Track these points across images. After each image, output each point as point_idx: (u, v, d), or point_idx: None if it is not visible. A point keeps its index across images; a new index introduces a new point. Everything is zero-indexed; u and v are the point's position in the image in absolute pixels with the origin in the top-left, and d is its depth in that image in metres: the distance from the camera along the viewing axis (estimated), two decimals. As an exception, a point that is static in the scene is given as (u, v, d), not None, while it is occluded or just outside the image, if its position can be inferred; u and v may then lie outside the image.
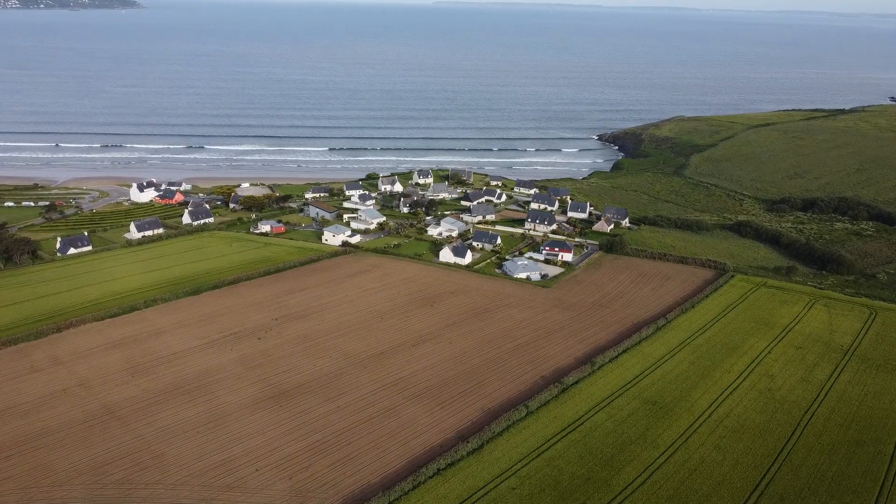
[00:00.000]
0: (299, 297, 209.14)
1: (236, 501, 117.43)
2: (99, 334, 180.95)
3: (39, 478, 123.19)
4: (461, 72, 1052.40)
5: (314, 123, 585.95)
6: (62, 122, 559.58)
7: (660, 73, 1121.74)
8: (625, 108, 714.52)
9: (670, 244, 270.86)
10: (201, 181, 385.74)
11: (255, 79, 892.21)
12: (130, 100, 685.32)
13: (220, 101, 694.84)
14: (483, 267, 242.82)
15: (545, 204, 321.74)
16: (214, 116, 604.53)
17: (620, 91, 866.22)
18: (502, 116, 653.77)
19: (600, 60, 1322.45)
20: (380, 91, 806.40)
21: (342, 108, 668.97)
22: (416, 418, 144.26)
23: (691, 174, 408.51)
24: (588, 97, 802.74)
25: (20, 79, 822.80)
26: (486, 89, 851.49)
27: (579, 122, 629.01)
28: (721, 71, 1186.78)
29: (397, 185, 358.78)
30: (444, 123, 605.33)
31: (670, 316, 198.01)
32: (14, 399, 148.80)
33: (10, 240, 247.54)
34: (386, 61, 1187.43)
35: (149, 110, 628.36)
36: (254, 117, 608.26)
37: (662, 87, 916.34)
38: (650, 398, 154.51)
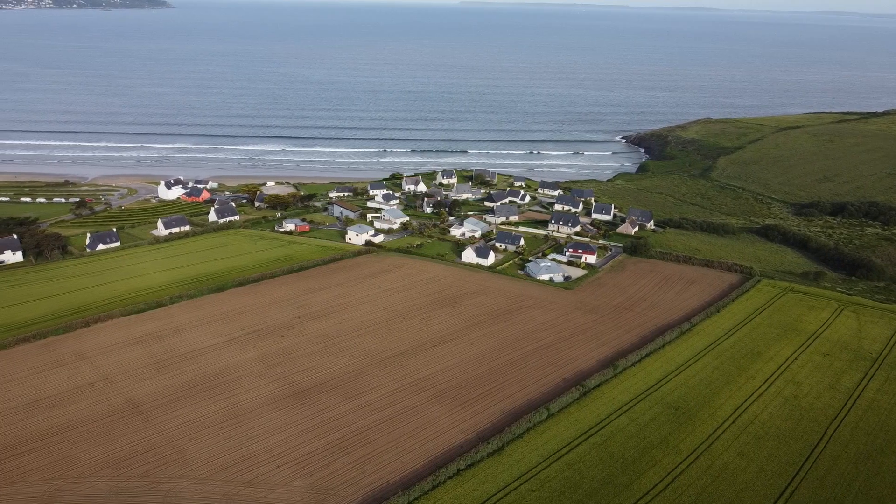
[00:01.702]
0: (321, 296, 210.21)
1: (257, 497, 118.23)
2: (125, 330, 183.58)
3: (65, 469, 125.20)
4: (486, 72, 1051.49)
5: (338, 124, 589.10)
6: (92, 121, 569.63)
7: (686, 74, 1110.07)
8: (650, 110, 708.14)
9: (695, 247, 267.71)
10: (227, 179, 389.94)
11: (280, 78, 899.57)
12: (158, 99, 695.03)
13: (246, 101, 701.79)
14: (506, 268, 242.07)
15: (569, 205, 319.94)
16: (240, 116, 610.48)
17: (646, 92, 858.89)
18: (526, 117, 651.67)
19: (625, 61, 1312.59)
20: (404, 91, 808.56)
21: (366, 109, 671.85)
22: (437, 418, 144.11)
23: (718, 177, 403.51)
24: (613, 98, 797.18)
25: (54, 78, 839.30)
26: (510, 90, 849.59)
27: (604, 124, 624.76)
28: (749, 72, 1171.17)
29: (421, 185, 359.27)
30: (467, 125, 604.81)
31: (694, 320, 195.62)
32: (41, 392, 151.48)
33: (41, 235, 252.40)
34: (410, 61, 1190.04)
35: (175, 109, 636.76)
36: (279, 117, 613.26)
37: (689, 89, 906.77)
38: (673, 403, 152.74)
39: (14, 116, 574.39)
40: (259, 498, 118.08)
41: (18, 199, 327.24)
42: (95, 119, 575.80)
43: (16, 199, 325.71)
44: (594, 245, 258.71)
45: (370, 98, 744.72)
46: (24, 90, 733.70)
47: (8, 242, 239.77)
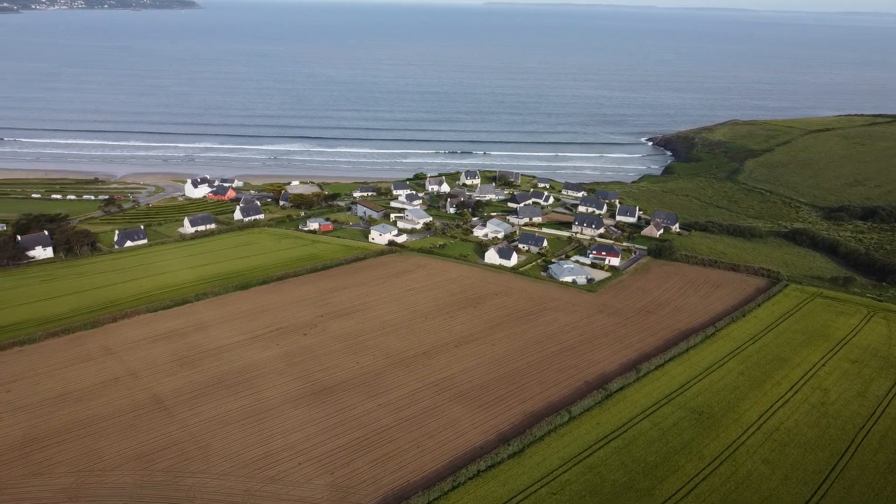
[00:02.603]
0: (344, 295, 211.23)
1: (278, 494, 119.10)
2: (150, 326, 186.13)
3: (91, 462, 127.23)
4: (510, 72, 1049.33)
5: (362, 124, 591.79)
6: (121, 119, 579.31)
7: (714, 75, 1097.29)
8: (676, 111, 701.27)
9: (721, 251, 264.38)
10: (253, 178, 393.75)
11: (305, 79, 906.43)
12: (185, 99, 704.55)
13: (271, 101, 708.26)
14: (528, 269, 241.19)
15: (593, 207, 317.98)
16: (264, 116, 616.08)
17: (673, 94, 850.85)
18: (550, 118, 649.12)
19: (652, 62, 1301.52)
20: (428, 92, 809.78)
21: (390, 109, 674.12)
22: (458, 419, 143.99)
23: (745, 179, 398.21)
24: (639, 99, 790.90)
25: (84, 77, 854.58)
26: (534, 90, 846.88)
27: (630, 125, 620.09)
28: (777, 74, 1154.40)
29: (444, 185, 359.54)
30: (491, 126, 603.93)
31: (720, 324, 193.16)
32: (69, 386, 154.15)
33: (71, 232, 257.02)
34: (434, 62, 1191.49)
35: (202, 109, 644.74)
36: (303, 117, 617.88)
37: (716, 90, 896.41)
38: (696, 408, 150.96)
39: (45, 115, 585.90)
40: (280, 494, 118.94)
41: (49, 196, 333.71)
42: (124, 118, 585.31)
43: (47, 196, 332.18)
44: (618, 247, 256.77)
45: (394, 98, 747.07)
46: (55, 89, 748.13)
47: (39, 238, 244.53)
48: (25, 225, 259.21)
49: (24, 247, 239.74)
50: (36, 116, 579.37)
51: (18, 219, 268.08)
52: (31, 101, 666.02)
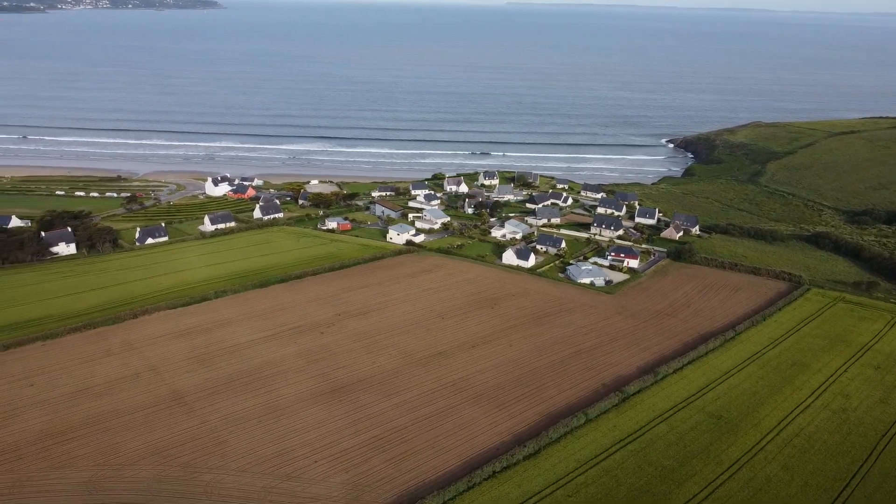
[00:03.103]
0: (361, 294, 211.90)
1: (294, 491, 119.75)
2: (170, 322, 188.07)
3: (110, 457, 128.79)
4: (529, 73, 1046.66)
5: (381, 124, 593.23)
6: (143, 119, 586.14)
7: (736, 76, 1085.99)
8: (698, 113, 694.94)
9: (742, 254, 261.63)
10: (272, 177, 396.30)
11: (324, 79, 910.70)
12: (206, 98, 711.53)
13: (291, 101, 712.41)
14: (546, 270, 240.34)
15: (612, 209, 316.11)
16: (284, 116, 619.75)
17: (693, 95, 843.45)
18: (570, 119, 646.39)
19: (673, 63, 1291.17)
20: (447, 92, 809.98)
21: (409, 109, 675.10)
22: (474, 420, 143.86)
23: (767, 182, 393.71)
24: (659, 101, 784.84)
25: (108, 76, 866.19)
26: (554, 91, 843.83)
27: (650, 127, 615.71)
28: (802, 75, 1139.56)
29: (463, 185, 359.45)
30: (510, 126, 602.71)
31: (739, 328, 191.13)
32: (90, 381, 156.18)
33: (93, 228, 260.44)
34: (454, 62, 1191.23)
35: (223, 108, 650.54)
36: (323, 117, 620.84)
37: (738, 92, 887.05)
38: (715, 412, 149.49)
39: (70, 114, 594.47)
40: (296, 492, 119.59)
41: (73, 193, 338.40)
42: (146, 117, 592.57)
43: (71, 193, 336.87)
44: (637, 249, 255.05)
45: (414, 98, 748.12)
46: (79, 88, 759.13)
47: (62, 235, 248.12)
48: (49, 221, 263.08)
49: (47, 243, 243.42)
50: (61, 115, 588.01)
51: (42, 215, 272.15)
52: (56, 99, 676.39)
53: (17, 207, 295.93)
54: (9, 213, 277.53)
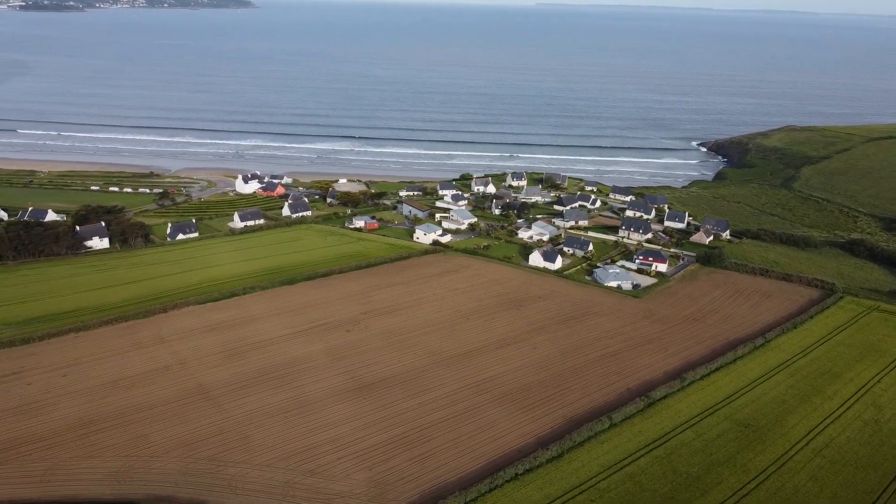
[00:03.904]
0: (388, 293, 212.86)
1: (317, 487, 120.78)
2: (200, 317, 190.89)
3: (139, 448, 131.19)
4: (559, 74, 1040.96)
5: (410, 125, 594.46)
6: (176, 116, 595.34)
7: (770, 79, 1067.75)
8: (730, 117, 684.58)
9: (773, 260, 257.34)
10: (301, 176, 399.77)
11: (354, 78, 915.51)
12: (238, 97, 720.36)
13: (321, 100, 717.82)
14: (573, 273, 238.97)
15: (641, 212, 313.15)
16: (314, 115, 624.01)
17: (726, 98, 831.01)
18: (600, 121, 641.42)
19: (706, 65, 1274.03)
20: (476, 93, 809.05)
21: (438, 110, 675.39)
22: (497, 421, 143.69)
23: (801, 187, 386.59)
24: (691, 104, 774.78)
25: (143, 74, 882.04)
26: (584, 93, 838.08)
27: (681, 130, 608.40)
28: (839, 79, 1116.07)
29: (490, 186, 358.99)
30: (539, 128, 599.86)
31: (769, 335, 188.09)
32: (120, 372, 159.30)
33: (126, 224, 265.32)
34: (483, 63, 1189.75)
35: (254, 107, 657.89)
36: (352, 116, 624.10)
37: (773, 95, 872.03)
38: (743, 420, 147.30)
39: (105, 111, 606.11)
40: (319, 488, 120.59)
41: (107, 188, 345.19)
42: (179, 115, 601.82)
43: (105, 189, 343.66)
44: (665, 253, 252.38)
45: (443, 99, 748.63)
46: (115, 86, 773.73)
47: (96, 230, 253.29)
48: (84, 216, 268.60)
49: (82, 237, 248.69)
50: (97, 112, 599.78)
51: (77, 210, 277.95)
52: (93, 96, 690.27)
53: (54, 202, 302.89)
54: (46, 207, 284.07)
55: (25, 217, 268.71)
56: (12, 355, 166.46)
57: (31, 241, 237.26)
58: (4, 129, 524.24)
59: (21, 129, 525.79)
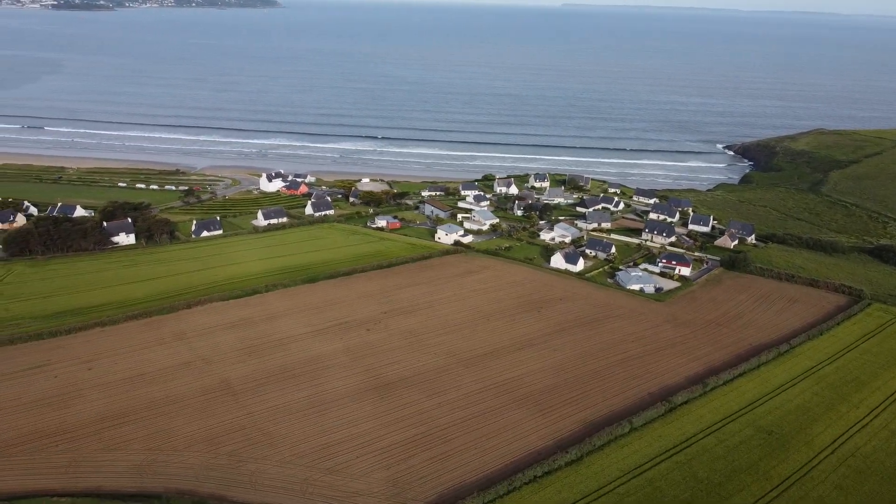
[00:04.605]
0: (408, 293, 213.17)
1: (335, 485, 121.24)
2: (222, 313, 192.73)
3: (161, 442, 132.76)
4: (583, 76, 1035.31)
5: (433, 125, 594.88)
6: (201, 115, 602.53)
7: (799, 81, 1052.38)
8: (757, 120, 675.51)
9: (799, 265, 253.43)
10: (324, 175, 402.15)
11: (378, 78, 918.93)
12: (262, 96, 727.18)
13: (344, 100, 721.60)
14: (595, 275, 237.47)
15: (665, 215, 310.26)
16: (338, 115, 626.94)
17: (753, 101, 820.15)
18: (624, 123, 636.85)
19: (732, 67, 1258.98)
20: (500, 94, 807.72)
21: (461, 111, 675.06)
22: (517, 422, 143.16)
23: (829, 191, 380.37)
24: (717, 106, 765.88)
25: (170, 73, 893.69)
26: (608, 94, 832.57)
27: (706, 133, 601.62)
28: (870, 82, 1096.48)
29: (513, 187, 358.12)
30: (562, 130, 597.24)
31: (794, 342, 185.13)
32: (143, 367, 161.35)
33: (152, 220, 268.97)
34: (507, 64, 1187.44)
35: (278, 106, 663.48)
36: (375, 116, 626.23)
37: (801, 98, 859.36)
38: (766, 427, 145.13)
39: (133, 110, 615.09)
40: (338, 486, 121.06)
41: (134, 185, 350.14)
42: (205, 113, 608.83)
43: (132, 186, 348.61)
44: (689, 257, 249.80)
45: (466, 100, 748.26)
46: (142, 84, 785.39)
47: (123, 226, 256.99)
48: (111, 212, 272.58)
49: (109, 233, 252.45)
50: (124, 111, 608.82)
51: (105, 206, 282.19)
52: (121, 94, 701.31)
53: (82, 198, 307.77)
54: (74, 203, 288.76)
55: (54, 213, 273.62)
56: (40, 348, 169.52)
57: (59, 236, 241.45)
58: (34, 126, 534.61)
59: (49, 126, 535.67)
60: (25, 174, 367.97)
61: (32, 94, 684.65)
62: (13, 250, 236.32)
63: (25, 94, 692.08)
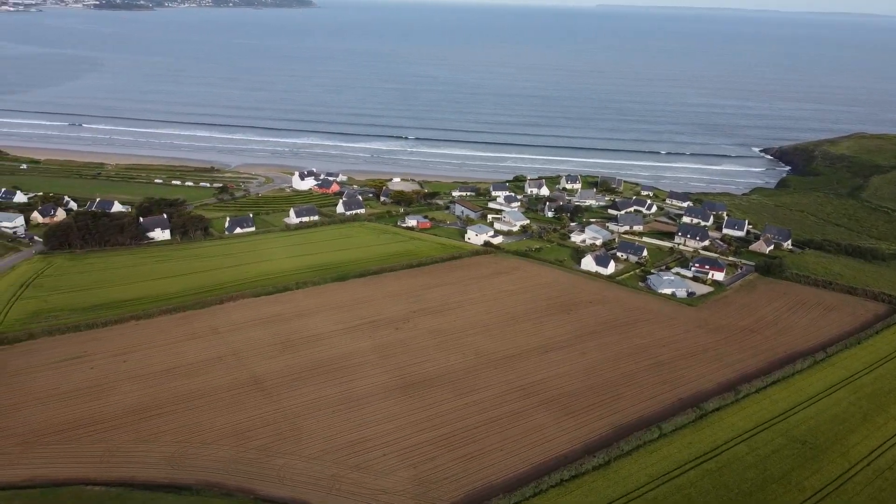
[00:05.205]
0: (437, 293, 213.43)
1: (362, 482, 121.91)
2: (253, 309, 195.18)
3: (192, 434, 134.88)
4: (617, 77, 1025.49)
5: (464, 126, 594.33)
6: (237, 115, 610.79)
7: (839, 84, 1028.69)
8: (796, 123, 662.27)
9: (837, 272, 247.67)
10: (356, 174, 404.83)
11: (411, 79, 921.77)
12: (296, 95, 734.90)
13: (375, 100, 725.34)
14: (626, 279, 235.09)
15: (698, 218, 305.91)
16: (368, 115, 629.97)
17: (791, 104, 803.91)
18: (658, 125, 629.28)
19: (769, 69, 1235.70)
20: (532, 95, 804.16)
21: (493, 112, 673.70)
22: (544, 425, 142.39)
23: (869, 197, 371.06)
24: (753, 109, 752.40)
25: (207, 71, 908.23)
26: (642, 96, 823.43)
27: (742, 136, 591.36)
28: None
29: (544, 188, 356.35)
30: (595, 132, 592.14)
31: (830, 350, 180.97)
32: (176, 361, 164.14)
33: (187, 216, 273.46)
34: (539, 64, 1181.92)
35: (311, 105, 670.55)
36: (407, 117, 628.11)
37: (842, 101, 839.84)
38: (799, 436, 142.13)
39: (170, 108, 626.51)
40: (364, 482, 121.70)
41: (170, 181, 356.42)
42: (239, 112, 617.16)
43: (168, 182, 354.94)
44: (723, 261, 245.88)
45: (498, 101, 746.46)
46: (179, 82, 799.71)
47: (159, 221, 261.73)
48: (147, 208, 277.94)
49: (145, 228, 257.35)
50: (162, 109, 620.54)
51: (141, 202, 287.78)
52: (160, 93, 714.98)
53: (120, 193, 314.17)
54: (112, 198, 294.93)
55: (93, 208, 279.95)
56: (78, 339, 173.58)
57: (97, 230, 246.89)
58: (75, 123, 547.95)
59: (88, 123, 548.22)
60: (67, 169, 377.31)
61: (73, 92, 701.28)
62: (53, 244, 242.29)
63: (67, 91, 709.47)
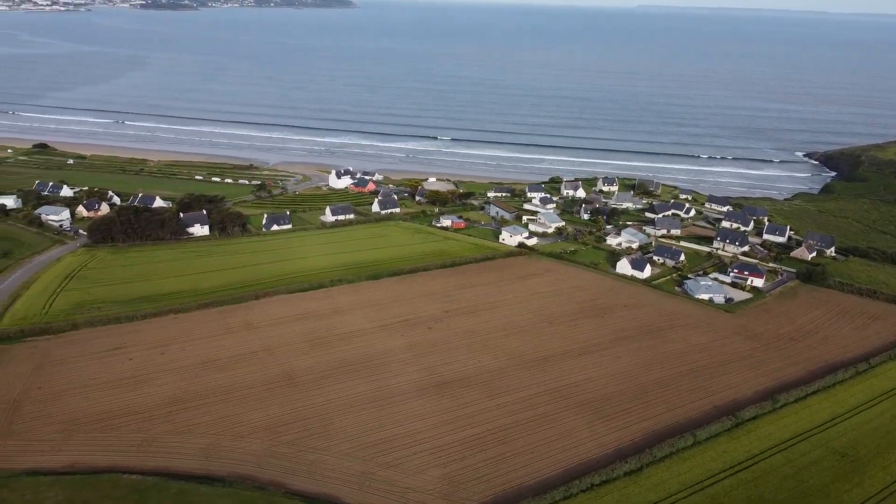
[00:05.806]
0: (471, 293, 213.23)
1: (392, 479, 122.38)
2: (288, 306, 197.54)
3: (226, 427, 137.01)
4: (658, 79, 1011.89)
5: (500, 127, 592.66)
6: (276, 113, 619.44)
7: (889, 87, 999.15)
8: (842, 127, 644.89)
9: (883, 280, 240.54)
10: (392, 173, 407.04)
11: (448, 79, 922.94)
12: (334, 94, 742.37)
13: (411, 99, 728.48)
14: (662, 283, 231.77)
15: (738, 223, 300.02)
16: (404, 116, 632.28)
17: (838, 108, 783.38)
18: (698, 128, 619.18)
19: (816, 73, 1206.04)
20: (569, 97, 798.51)
21: (531, 113, 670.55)
22: (575, 429, 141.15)
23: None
24: (798, 112, 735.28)
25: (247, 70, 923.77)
26: (682, 98, 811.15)
27: (785, 140, 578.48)
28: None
29: (580, 190, 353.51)
30: (633, 134, 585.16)
31: (874, 361, 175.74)
32: (211, 354, 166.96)
33: (225, 213, 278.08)
34: (578, 66, 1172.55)
35: (348, 105, 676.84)
36: (443, 117, 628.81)
37: (890, 105, 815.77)
38: (839, 448, 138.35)
39: (211, 106, 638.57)
40: (394, 480, 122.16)
41: (210, 178, 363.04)
42: (278, 111, 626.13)
43: (208, 179, 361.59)
44: (763, 268, 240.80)
45: (535, 102, 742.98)
46: (220, 81, 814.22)
47: (198, 217, 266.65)
48: (187, 204, 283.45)
49: (185, 224, 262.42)
50: (204, 107, 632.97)
51: (182, 198, 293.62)
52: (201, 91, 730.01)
53: (161, 189, 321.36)
54: (154, 194, 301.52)
55: (136, 203, 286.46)
56: (118, 331, 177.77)
57: (139, 225, 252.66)
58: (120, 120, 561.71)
59: (131, 120, 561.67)
60: (111, 165, 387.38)
61: (118, 90, 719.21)
62: (97, 237, 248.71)
63: (113, 89, 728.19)
